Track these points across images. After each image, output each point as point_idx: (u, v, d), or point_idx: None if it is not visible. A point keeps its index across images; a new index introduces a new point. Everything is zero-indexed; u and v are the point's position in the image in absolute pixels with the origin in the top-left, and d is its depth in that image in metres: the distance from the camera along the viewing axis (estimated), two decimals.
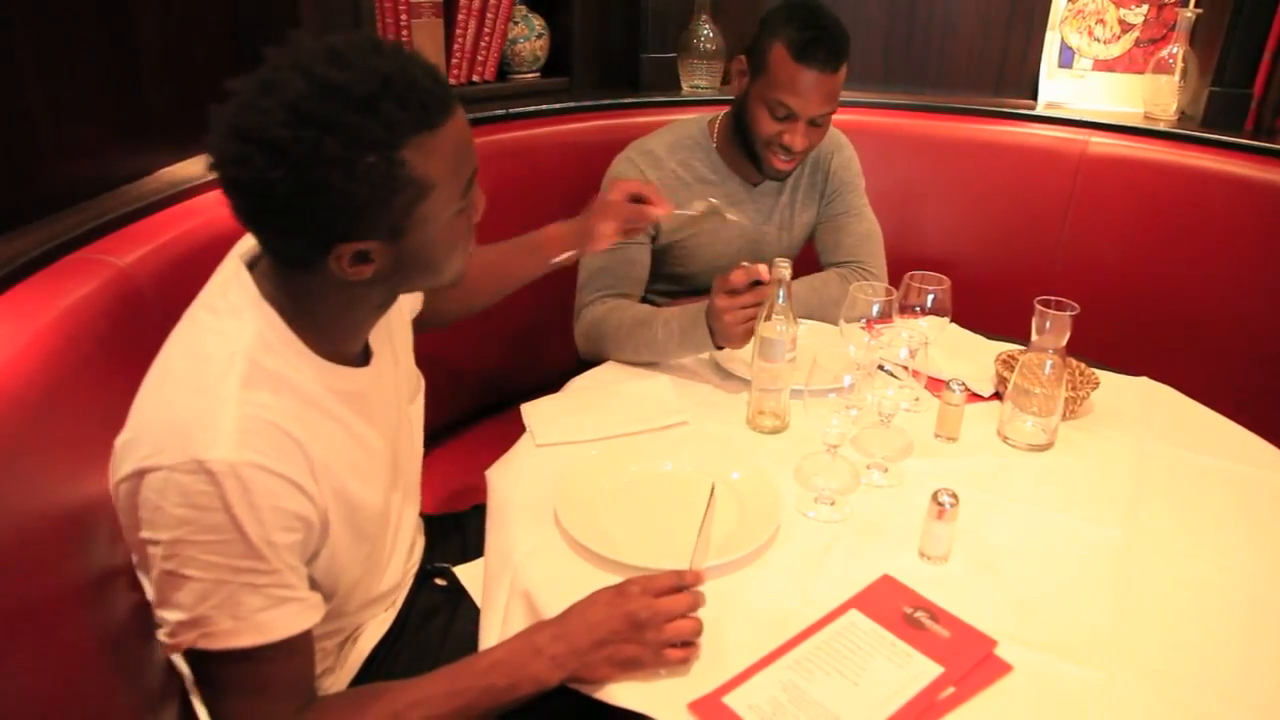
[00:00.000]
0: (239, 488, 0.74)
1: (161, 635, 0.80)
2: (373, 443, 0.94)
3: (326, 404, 0.86)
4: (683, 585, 0.89)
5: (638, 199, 1.25)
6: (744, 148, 1.56)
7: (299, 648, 0.84)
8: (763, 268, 1.23)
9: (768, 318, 1.19)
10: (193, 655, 0.83)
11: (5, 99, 1.05)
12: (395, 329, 1.05)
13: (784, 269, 1.18)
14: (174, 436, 0.75)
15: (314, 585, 0.87)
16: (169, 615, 0.78)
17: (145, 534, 0.76)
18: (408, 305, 1.10)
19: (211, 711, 0.86)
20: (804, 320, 1.22)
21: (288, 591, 0.80)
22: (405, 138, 0.75)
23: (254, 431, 0.77)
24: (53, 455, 0.83)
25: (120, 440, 0.78)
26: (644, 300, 1.71)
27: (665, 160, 1.58)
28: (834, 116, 1.74)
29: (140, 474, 0.75)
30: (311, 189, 0.73)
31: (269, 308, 0.83)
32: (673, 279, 1.68)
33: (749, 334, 1.26)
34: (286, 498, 0.78)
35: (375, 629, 1.05)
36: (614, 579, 0.92)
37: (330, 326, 0.87)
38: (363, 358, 0.95)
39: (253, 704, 0.83)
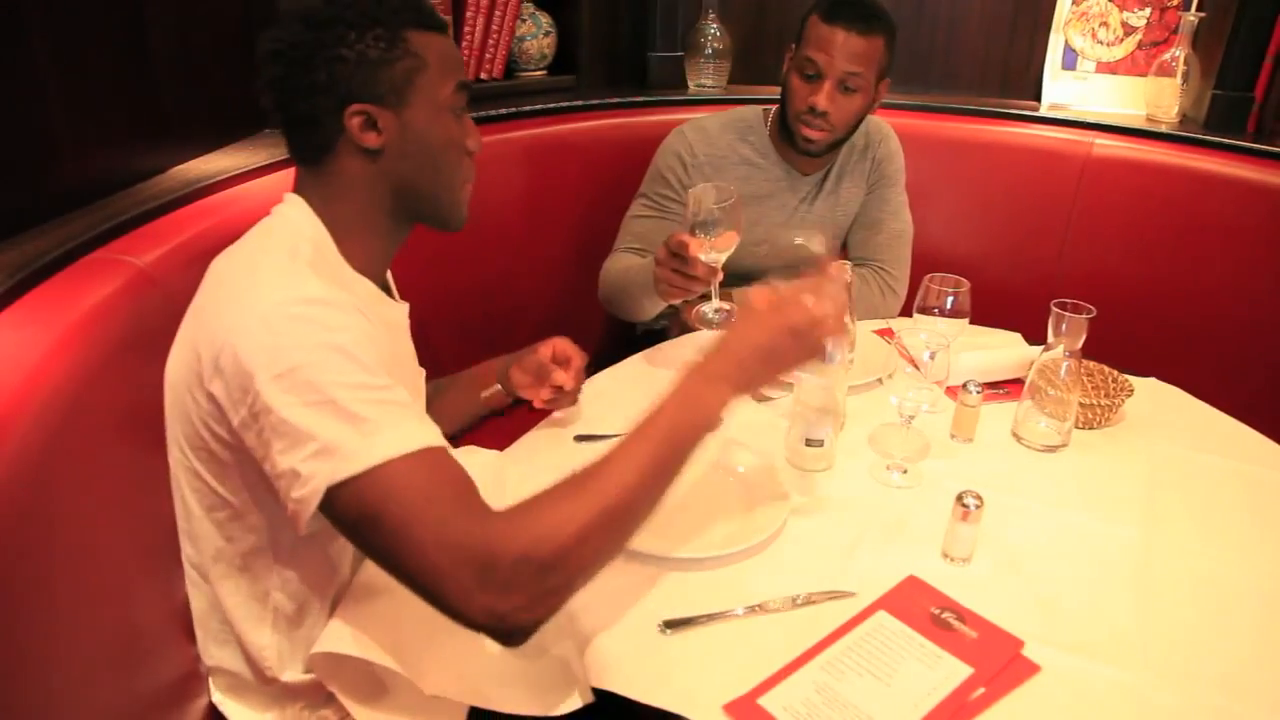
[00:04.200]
0: (336, 314, 0.81)
1: (293, 494, 0.76)
2: (405, 380, 0.96)
3: (372, 315, 0.87)
4: (818, 286, 0.93)
5: (561, 361, 1.25)
6: (787, 132, 1.59)
7: (442, 458, 0.78)
8: (700, 255, 1.22)
9: None
10: (345, 520, 0.76)
11: (22, 98, 1.04)
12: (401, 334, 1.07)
13: (844, 274, 1.20)
14: (270, 292, 0.81)
15: None
16: (294, 461, 0.75)
17: (257, 384, 0.76)
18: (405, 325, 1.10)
19: (392, 559, 0.76)
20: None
21: (407, 410, 0.79)
22: (406, 25, 0.92)
23: (331, 291, 0.83)
24: (81, 459, 0.82)
25: (205, 345, 0.82)
26: None
27: (717, 137, 1.65)
28: None
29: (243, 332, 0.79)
30: (329, 44, 0.89)
31: (318, 221, 0.93)
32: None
33: (669, 295, 1.32)
34: (368, 339, 0.82)
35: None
36: (637, 568, 0.95)
37: (357, 242, 0.95)
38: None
39: (426, 513, 0.74)
